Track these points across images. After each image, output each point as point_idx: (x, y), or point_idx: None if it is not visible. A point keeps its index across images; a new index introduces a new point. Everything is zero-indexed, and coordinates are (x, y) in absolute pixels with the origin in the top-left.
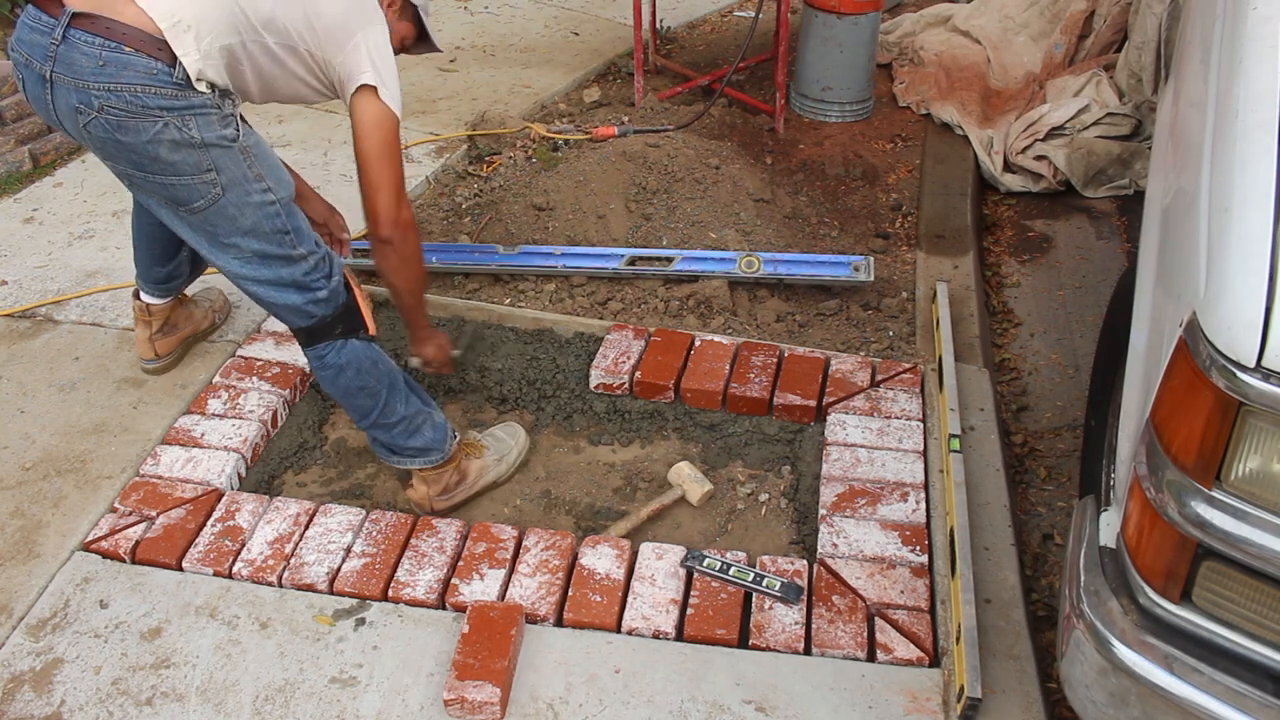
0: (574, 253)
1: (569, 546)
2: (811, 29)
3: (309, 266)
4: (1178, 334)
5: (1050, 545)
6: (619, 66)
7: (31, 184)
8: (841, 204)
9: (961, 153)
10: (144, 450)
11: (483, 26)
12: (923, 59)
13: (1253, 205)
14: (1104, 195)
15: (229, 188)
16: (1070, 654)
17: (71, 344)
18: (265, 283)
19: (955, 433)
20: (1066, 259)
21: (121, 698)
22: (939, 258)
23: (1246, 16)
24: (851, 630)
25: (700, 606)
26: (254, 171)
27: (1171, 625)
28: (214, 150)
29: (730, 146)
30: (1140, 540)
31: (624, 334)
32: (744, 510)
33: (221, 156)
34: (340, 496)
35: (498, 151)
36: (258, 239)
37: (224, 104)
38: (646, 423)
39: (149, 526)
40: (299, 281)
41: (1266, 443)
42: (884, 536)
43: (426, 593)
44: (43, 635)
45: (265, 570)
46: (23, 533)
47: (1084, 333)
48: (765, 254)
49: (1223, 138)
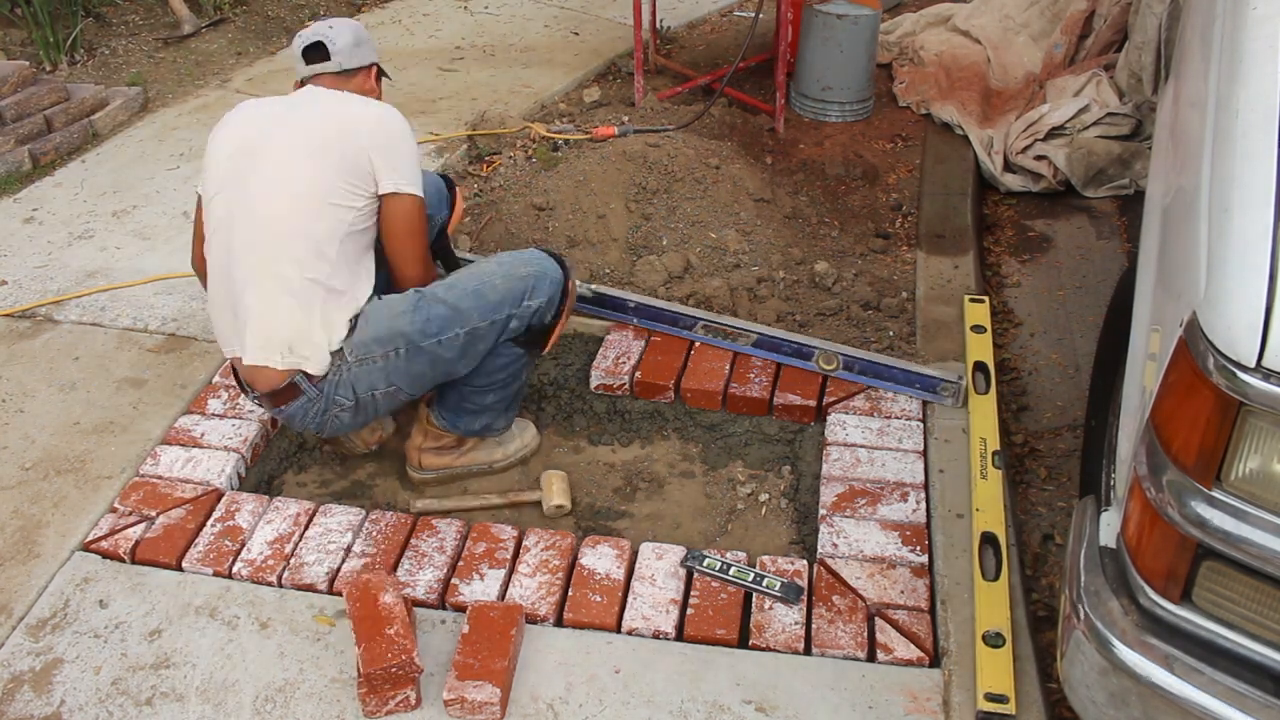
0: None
1: (569, 546)
2: (811, 29)
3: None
4: (1177, 334)
5: (1050, 545)
6: (619, 66)
7: (31, 184)
8: (841, 204)
9: (961, 153)
10: (144, 450)
11: (483, 26)
12: (923, 59)
13: (1253, 205)
14: (1104, 195)
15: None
16: (1070, 654)
17: (71, 344)
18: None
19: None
20: (1066, 259)
21: (121, 698)
22: (939, 258)
23: (1246, 16)
24: (851, 630)
25: (700, 606)
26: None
27: (1172, 625)
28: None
29: (730, 146)
30: (1140, 540)
31: (624, 334)
32: (744, 510)
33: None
34: (340, 496)
35: (498, 151)
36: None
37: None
38: (646, 423)
39: (149, 526)
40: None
41: (1266, 443)
42: (884, 536)
43: (426, 593)
44: (42, 635)
45: (265, 570)
46: (23, 533)
47: (1084, 333)
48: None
49: (1223, 138)
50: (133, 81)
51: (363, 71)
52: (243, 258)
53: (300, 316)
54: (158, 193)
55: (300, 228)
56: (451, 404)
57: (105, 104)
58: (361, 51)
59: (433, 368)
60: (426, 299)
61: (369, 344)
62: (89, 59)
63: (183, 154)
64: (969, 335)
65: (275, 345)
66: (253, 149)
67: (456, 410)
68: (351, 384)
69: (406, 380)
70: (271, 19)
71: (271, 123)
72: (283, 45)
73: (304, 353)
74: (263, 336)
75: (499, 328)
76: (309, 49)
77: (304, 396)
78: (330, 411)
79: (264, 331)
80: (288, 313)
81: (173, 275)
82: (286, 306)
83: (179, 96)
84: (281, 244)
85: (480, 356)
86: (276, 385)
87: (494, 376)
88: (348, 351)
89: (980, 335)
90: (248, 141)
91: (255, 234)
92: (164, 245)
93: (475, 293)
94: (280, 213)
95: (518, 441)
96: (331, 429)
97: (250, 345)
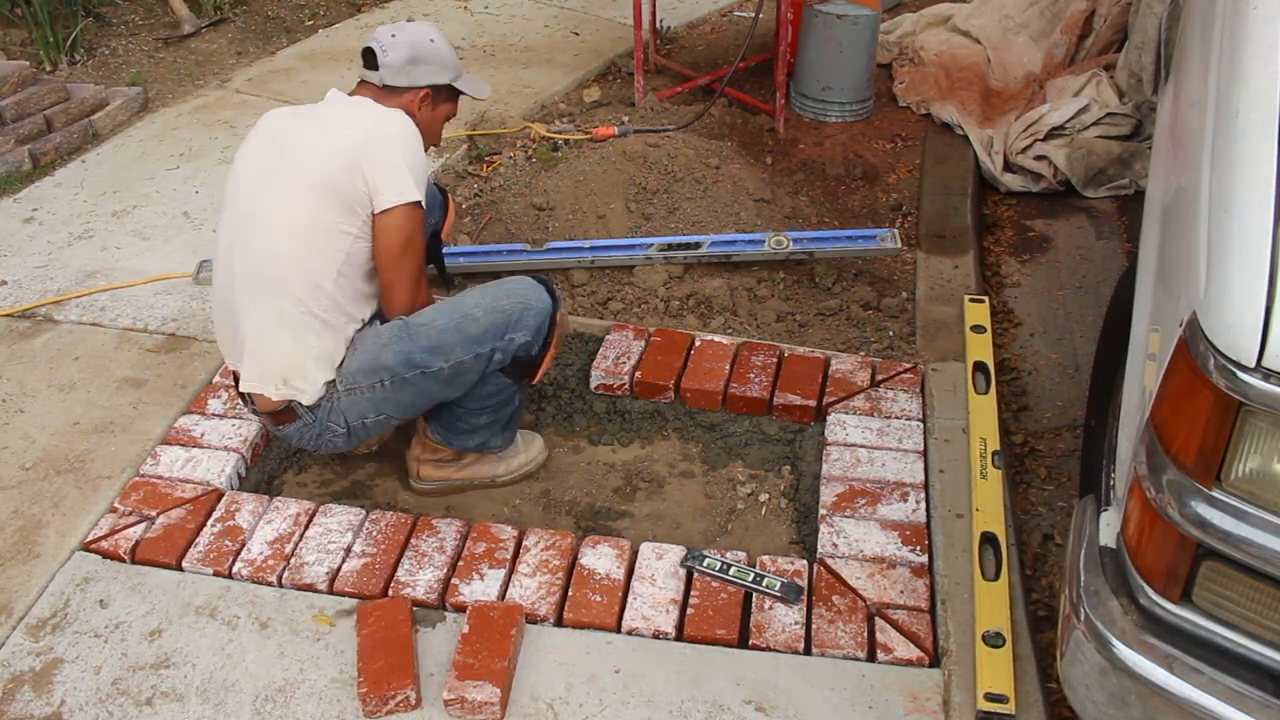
0: (604, 244)
1: (569, 546)
2: (811, 29)
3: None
4: (1177, 334)
5: (1050, 545)
6: (619, 66)
7: (31, 184)
8: (841, 204)
9: (961, 153)
10: (144, 450)
11: (483, 26)
12: (923, 59)
13: (1253, 205)
14: (1104, 195)
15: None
16: (1070, 654)
17: (71, 344)
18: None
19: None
20: (1066, 259)
21: (121, 698)
22: (939, 257)
23: (1246, 16)
24: (851, 630)
25: (700, 606)
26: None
27: (1171, 625)
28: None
29: (730, 146)
30: (1140, 540)
31: (624, 334)
32: (744, 510)
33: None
34: (340, 496)
35: (498, 151)
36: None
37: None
38: (646, 423)
39: (149, 526)
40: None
41: (1266, 443)
42: (884, 536)
43: (426, 593)
44: (43, 635)
45: (265, 570)
46: (23, 533)
47: (1084, 333)
48: (793, 233)
49: (1223, 138)
50: (133, 81)
51: (411, 93)
52: (242, 285)
53: (295, 350)
54: (158, 193)
55: (297, 262)
56: (446, 421)
57: (105, 104)
58: (416, 72)
59: (420, 396)
60: (410, 330)
61: (356, 375)
62: (89, 59)
63: (183, 154)
64: (969, 335)
65: (270, 377)
66: (264, 173)
67: (450, 427)
68: (343, 412)
69: (395, 408)
70: (271, 19)
71: (285, 145)
72: (283, 45)
73: (298, 385)
74: (259, 367)
75: (484, 360)
76: (365, 51)
77: (300, 421)
78: (324, 436)
79: (260, 362)
80: (283, 346)
81: (173, 275)
82: (282, 340)
83: (179, 96)
84: (279, 278)
85: (469, 385)
86: (274, 408)
87: (485, 401)
88: (338, 381)
89: (980, 335)
90: (263, 164)
91: (254, 265)
92: (164, 245)
93: (457, 327)
94: (278, 249)
95: (521, 457)
96: (328, 449)
97: (247, 372)
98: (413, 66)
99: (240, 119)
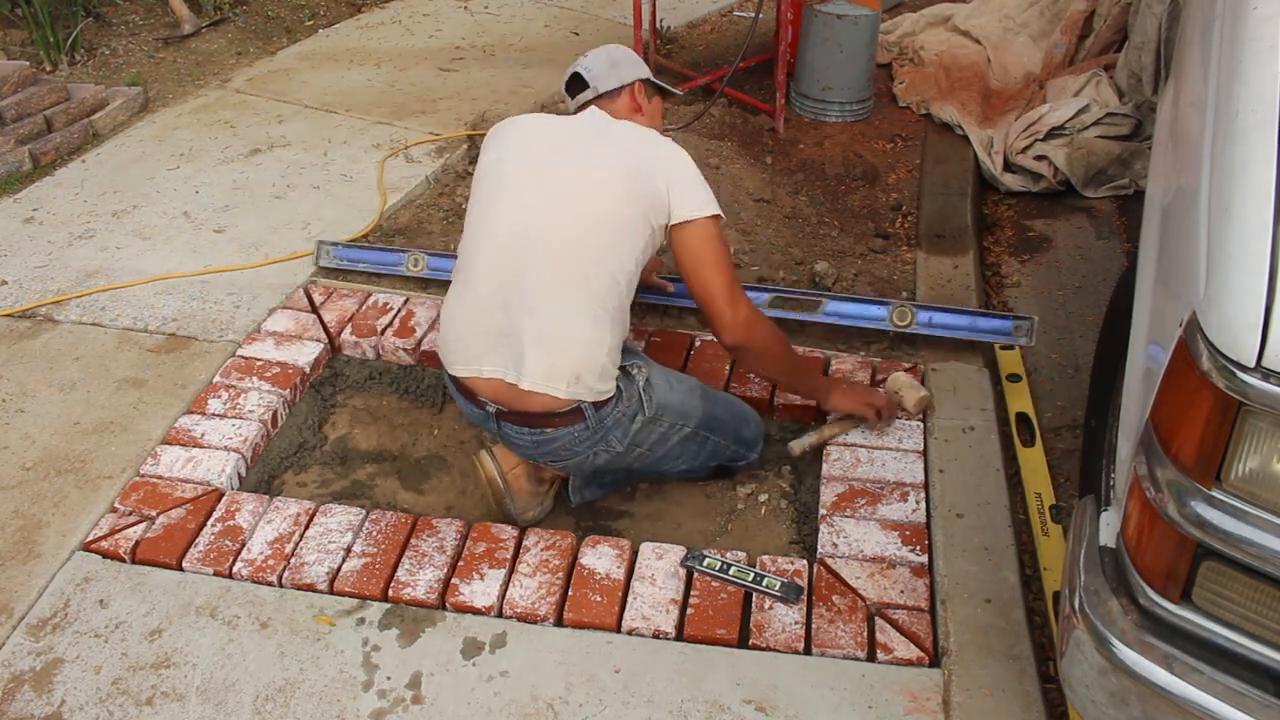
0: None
1: (569, 546)
2: (811, 29)
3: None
4: (1177, 334)
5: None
6: None
7: (31, 184)
8: (841, 204)
9: (961, 153)
10: (144, 450)
11: (483, 26)
12: (923, 59)
13: (1253, 205)
14: (1104, 195)
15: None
16: (1070, 654)
17: (71, 344)
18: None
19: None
20: (1066, 259)
21: (122, 698)
22: (939, 257)
23: (1246, 16)
24: (851, 630)
25: (700, 606)
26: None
27: (1171, 625)
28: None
29: (730, 146)
30: (1140, 540)
31: None
32: (744, 510)
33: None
34: (340, 496)
35: None
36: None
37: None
38: None
39: (149, 526)
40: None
41: (1266, 443)
42: (884, 536)
43: (427, 592)
44: (43, 635)
45: (265, 570)
46: (23, 533)
47: (1084, 333)
48: (920, 307)
49: (1223, 138)
50: (133, 81)
51: (626, 90)
52: (536, 278)
53: (592, 345)
54: (158, 193)
55: (600, 254)
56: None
57: (105, 104)
58: (620, 71)
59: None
60: (709, 395)
61: (666, 406)
62: (89, 59)
63: (183, 154)
64: (1006, 385)
65: (562, 374)
66: (546, 167)
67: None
68: (633, 433)
69: (663, 455)
70: (271, 19)
71: (565, 142)
72: (283, 45)
73: (590, 383)
74: (548, 363)
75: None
76: (569, 84)
77: (581, 424)
78: (596, 447)
79: (551, 358)
80: (582, 340)
81: (173, 275)
82: (579, 335)
83: (179, 96)
84: (583, 269)
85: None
86: (555, 409)
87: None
88: (645, 402)
89: (1016, 384)
90: (539, 159)
91: (554, 256)
92: (164, 245)
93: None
94: (583, 237)
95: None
96: (574, 467)
97: (532, 370)
98: (614, 68)
99: (240, 119)
